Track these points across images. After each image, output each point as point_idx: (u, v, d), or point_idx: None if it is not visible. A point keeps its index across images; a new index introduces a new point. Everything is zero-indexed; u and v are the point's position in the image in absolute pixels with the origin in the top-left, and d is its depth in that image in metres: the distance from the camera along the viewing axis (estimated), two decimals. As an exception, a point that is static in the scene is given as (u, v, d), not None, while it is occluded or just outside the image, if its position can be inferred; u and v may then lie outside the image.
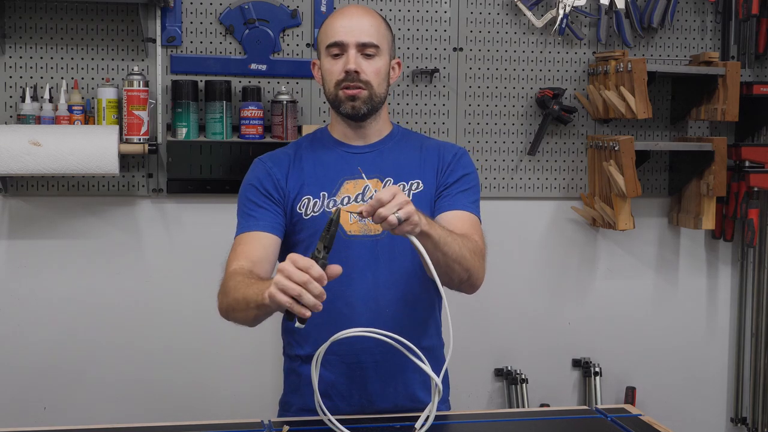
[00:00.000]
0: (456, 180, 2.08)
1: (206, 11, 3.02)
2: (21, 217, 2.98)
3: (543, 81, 3.24)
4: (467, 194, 2.08)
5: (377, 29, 2.06)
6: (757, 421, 3.43)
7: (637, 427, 1.89)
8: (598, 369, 3.32)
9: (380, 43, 2.05)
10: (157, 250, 3.05)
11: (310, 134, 2.19)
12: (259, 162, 2.13)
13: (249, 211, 2.07)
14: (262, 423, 1.87)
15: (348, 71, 2.01)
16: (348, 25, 2.04)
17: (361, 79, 2.02)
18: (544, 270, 3.32)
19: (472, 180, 2.11)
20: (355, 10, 2.09)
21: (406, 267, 2.02)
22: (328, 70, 2.05)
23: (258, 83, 3.04)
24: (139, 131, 2.89)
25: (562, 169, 3.28)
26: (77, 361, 3.03)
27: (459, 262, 1.90)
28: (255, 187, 2.08)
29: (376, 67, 2.04)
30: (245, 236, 2.04)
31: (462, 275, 1.93)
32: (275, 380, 3.11)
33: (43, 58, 2.93)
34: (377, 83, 2.04)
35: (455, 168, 2.09)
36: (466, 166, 2.11)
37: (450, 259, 1.88)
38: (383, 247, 2.01)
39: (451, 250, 1.87)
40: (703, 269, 3.44)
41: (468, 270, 1.93)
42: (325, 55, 2.06)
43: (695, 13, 3.32)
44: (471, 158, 2.16)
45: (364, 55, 2.03)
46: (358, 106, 2.03)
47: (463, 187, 2.08)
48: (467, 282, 1.97)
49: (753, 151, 3.28)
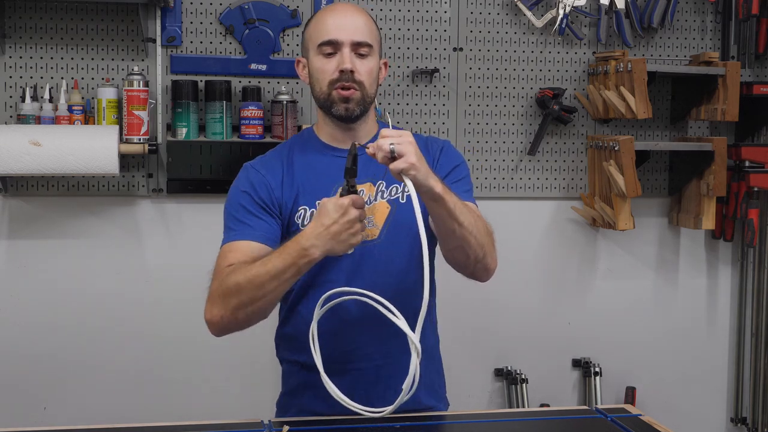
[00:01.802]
0: (448, 173, 2.03)
1: (206, 11, 3.02)
2: (21, 217, 2.98)
3: (543, 81, 3.24)
4: (461, 184, 2.04)
5: (370, 29, 2.02)
6: (757, 421, 3.43)
7: (637, 427, 1.89)
8: (598, 369, 3.32)
9: (373, 43, 2.01)
10: (157, 250, 3.05)
11: (297, 135, 2.14)
12: (251, 169, 2.04)
13: (241, 218, 1.99)
14: (262, 423, 1.87)
15: (344, 70, 1.96)
16: (341, 23, 1.99)
17: (355, 79, 1.97)
18: (544, 270, 3.32)
19: (462, 170, 2.07)
20: (347, 7, 2.04)
21: (402, 269, 1.98)
22: (319, 69, 1.99)
23: (258, 83, 3.04)
24: (139, 131, 2.89)
25: (562, 169, 3.28)
26: (77, 361, 3.03)
27: (475, 236, 1.86)
28: (249, 195, 2.00)
29: (369, 67, 2.00)
30: (237, 244, 1.96)
31: (478, 252, 1.89)
32: (275, 380, 3.10)
33: (43, 58, 2.93)
34: (369, 83, 2.00)
35: (444, 162, 2.05)
36: (453, 157, 2.07)
37: (466, 230, 1.84)
38: (380, 250, 1.98)
39: (467, 221, 1.84)
40: (703, 269, 3.44)
41: (483, 247, 1.90)
42: (315, 54, 2.00)
43: (695, 13, 3.32)
44: (456, 148, 2.12)
45: (358, 55, 1.98)
46: (352, 108, 1.97)
47: (455, 178, 2.04)
48: (482, 262, 1.93)
49: (753, 151, 3.28)
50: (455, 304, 2.41)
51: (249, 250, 1.93)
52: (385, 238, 1.97)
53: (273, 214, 1.99)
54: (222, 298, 1.91)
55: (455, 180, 2.04)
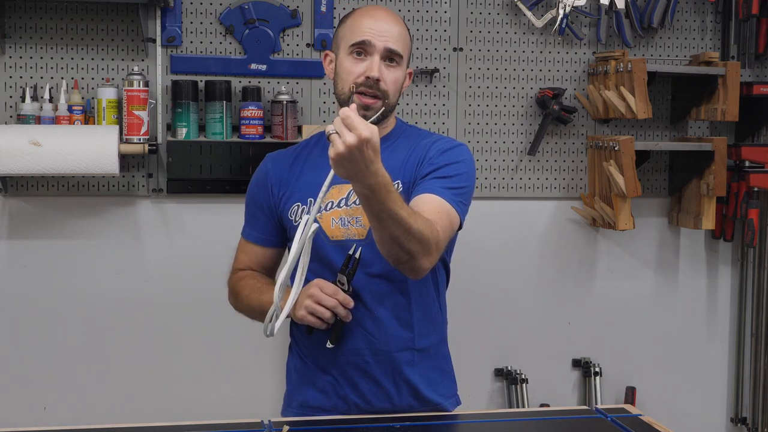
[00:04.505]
0: (435, 169, 1.99)
1: (206, 11, 3.01)
2: (21, 217, 2.98)
3: (543, 81, 3.24)
4: (444, 181, 1.97)
5: (404, 39, 2.03)
6: (757, 421, 3.43)
7: (637, 427, 1.89)
8: (598, 369, 3.32)
9: (404, 53, 2.02)
10: (157, 250, 3.05)
11: (316, 134, 2.17)
12: (263, 164, 2.20)
13: (249, 213, 2.21)
14: (262, 423, 1.87)
15: (369, 77, 1.96)
16: (378, 28, 1.99)
17: (380, 88, 1.97)
18: (544, 270, 3.32)
19: (456, 169, 2.00)
20: (385, 13, 2.04)
21: (390, 268, 1.95)
22: (347, 69, 2.00)
23: (258, 83, 3.04)
24: (139, 131, 2.88)
25: (562, 169, 3.28)
26: (77, 361, 3.02)
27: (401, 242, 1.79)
28: (252, 194, 2.19)
29: (396, 77, 2.00)
30: (244, 244, 2.22)
31: (400, 256, 1.83)
32: (275, 380, 3.11)
33: (43, 58, 2.93)
34: (393, 93, 2.01)
35: (436, 159, 2.01)
36: (452, 157, 2.02)
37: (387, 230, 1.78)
38: (366, 251, 1.97)
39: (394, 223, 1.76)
40: (703, 269, 3.44)
41: (409, 253, 1.82)
42: (346, 53, 2.01)
43: (695, 13, 3.32)
44: (469, 153, 2.07)
45: (387, 62, 1.99)
46: (370, 116, 1.96)
47: (440, 174, 1.98)
48: (407, 264, 1.86)
49: (753, 151, 3.28)
50: (456, 304, 2.41)
51: (254, 254, 2.20)
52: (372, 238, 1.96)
53: (268, 212, 2.15)
54: (231, 297, 2.22)
55: (439, 176, 1.98)
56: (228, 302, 2.24)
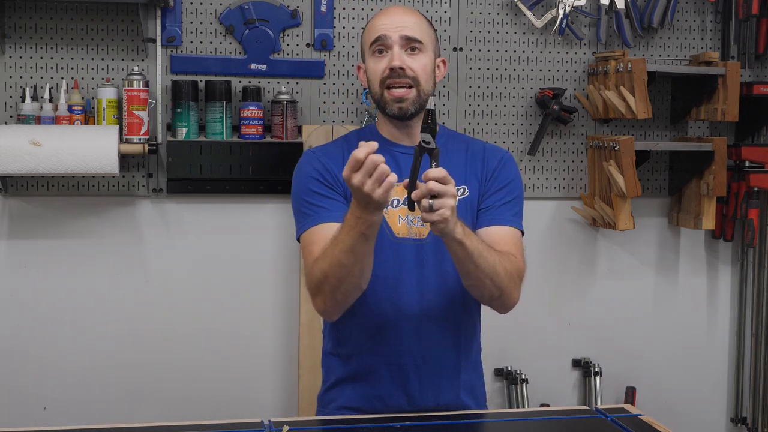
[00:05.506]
0: (499, 188, 2.05)
1: (206, 11, 3.02)
2: (21, 217, 2.98)
3: (543, 81, 3.24)
4: (510, 206, 2.06)
5: (420, 26, 2.03)
6: (757, 421, 3.43)
7: (637, 427, 1.89)
8: (598, 369, 3.32)
9: (423, 39, 2.01)
10: (157, 250, 3.05)
11: (357, 131, 2.15)
12: (312, 154, 2.07)
13: (315, 201, 2.00)
14: (262, 423, 1.87)
15: (393, 68, 1.97)
16: (390, 21, 2.01)
17: (408, 75, 1.98)
18: (544, 270, 3.32)
19: (516, 189, 2.08)
20: (399, 8, 2.08)
21: (451, 272, 1.98)
22: (372, 69, 2.01)
23: (258, 83, 3.04)
24: (139, 131, 2.89)
25: (562, 169, 3.28)
26: (77, 361, 3.02)
27: (491, 278, 1.89)
28: (316, 179, 2.01)
29: (422, 63, 2.00)
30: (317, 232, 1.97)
31: (493, 292, 1.93)
32: (275, 380, 3.11)
33: (43, 58, 2.93)
34: (425, 79, 2.00)
35: (499, 175, 2.06)
36: (510, 172, 2.08)
37: (482, 272, 1.87)
38: (428, 251, 2.00)
39: (485, 264, 1.86)
40: (703, 269, 3.44)
41: (500, 288, 1.93)
42: (369, 55, 2.03)
43: (695, 13, 3.32)
44: (514, 162, 2.12)
45: (409, 50, 1.99)
46: (406, 108, 1.98)
47: (506, 198, 2.05)
48: (498, 300, 1.97)
49: (753, 151, 3.28)
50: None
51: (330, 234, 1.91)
52: (434, 238, 1.95)
53: (341, 193, 2.00)
54: (317, 288, 1.93)
55: (506, 201, 2.05)
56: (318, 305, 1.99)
